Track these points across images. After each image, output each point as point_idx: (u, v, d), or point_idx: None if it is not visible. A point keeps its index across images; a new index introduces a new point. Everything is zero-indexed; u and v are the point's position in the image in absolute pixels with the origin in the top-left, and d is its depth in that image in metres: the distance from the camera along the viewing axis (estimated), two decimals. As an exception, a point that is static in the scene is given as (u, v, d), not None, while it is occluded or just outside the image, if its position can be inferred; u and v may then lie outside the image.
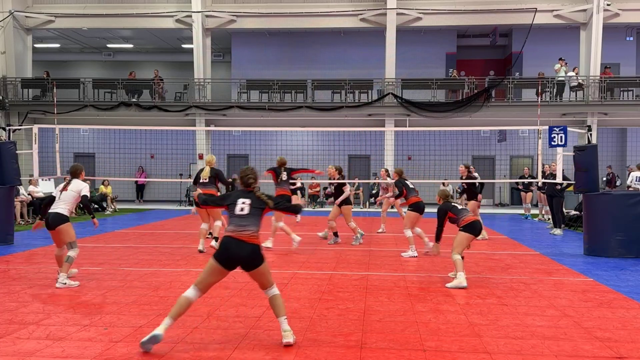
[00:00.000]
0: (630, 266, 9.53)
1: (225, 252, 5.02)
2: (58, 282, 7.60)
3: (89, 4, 24.13)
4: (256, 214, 5.15)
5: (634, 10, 22.61)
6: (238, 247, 5.00)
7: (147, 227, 15.45)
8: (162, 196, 25.29)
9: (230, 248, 5.01)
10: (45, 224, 7.75)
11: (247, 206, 5.15)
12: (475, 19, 23.22)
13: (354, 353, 4.98)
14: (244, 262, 5.03)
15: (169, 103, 23.68)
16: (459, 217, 7.94)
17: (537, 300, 6.99)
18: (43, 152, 14.37)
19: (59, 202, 7.71)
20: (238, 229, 5.06)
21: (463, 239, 7.87)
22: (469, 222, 7.86)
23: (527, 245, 12.08)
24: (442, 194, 8.31)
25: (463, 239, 7.87)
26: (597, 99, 21.91)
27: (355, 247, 11.59)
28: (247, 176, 5.31)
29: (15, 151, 12.09)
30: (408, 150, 23.23)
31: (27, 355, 4.87)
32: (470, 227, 7.84)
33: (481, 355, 4.95)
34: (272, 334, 5.42)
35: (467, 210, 8.25)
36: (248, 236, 5.04)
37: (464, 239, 7.87)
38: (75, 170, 8.00)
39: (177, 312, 5.02)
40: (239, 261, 5.02)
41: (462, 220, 7.89)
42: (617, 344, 5.27)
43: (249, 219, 5.10)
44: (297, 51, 26.12)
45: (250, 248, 5.02)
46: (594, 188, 10.92)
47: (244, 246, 5.01)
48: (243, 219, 5.09)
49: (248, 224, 5.08)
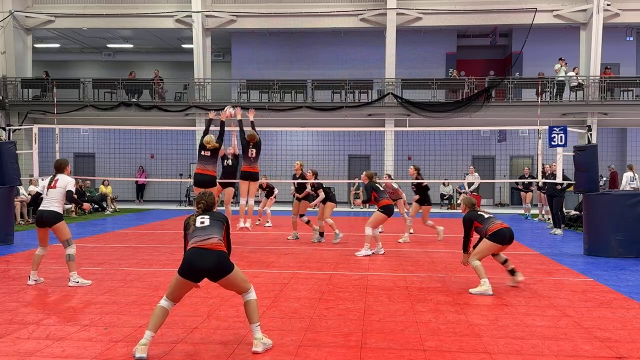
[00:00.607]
0: (630, 266, 9.53)
1: (189, 264, 4.87)
2: (70, 282, 7.60)
3: (89, 4, 24.13)
4: (217, 225, 5.08)
5: (634, 10, 22.62)
6: (202, 256, 4.86)
7: (147, 227, 15.45)
8: (162, 196, 25.29)
9: (194, 259, 4.86)
10: (37, 221, 7.68)
11: (207, 219, 5.09)
12: (475, 19, 23.22)
13: (354, 353, 4.98)
14: (211, 271, 4.87)
15: (169, 103, 23.69)
16: (485, 226, 7.56)
17: (537, 300, 6.99)
18: (43, 152, 14.37)
19: (49, 199, 7.60)
20: (201, 239, 4.95)
21: (488, 247, 7.51)
22: (496, 230, 7.45)
23: (527, 245, 12.08)
24: (467, 202, 7.90)
25: (488, 247, 7.51)
26: (597, 99, 21.90)
27: (355, 247, 11.57)
28: (207, 200, 5.23)
29: (15, 151, 12.09)
30: (408, 150, 23.22)
31: (27, 355, 4.87)
32: (497, 236, 7.46)
33: (481, 355, 4.95)
34: (272, 334, 5.41)
35: (494, 218, 7.76)
36: (212, 244, 4.92)
37: (488, 247, 7.51)
38: (60, 165, 7.87)
39: (156, 324, 4.89)
40: (205, 271, 4.86)
41: (488, 229, 7.52)
42: (617, 344, 5.27)
43: (211, 229, 5.01)
44: (297, 51, 26.13)
45: (215, 255, 4.88)
46: (594, 188, 10.92)
47: (209, 254, 4.87)
48: (205, 230, 5.00)
49: (211, 233, 4.98)
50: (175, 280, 4.93)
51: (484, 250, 7.55)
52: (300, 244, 12.07)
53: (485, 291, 7.31)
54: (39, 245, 7.73)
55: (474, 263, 7.49)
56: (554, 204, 14.75)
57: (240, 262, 9.70)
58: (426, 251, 11.21)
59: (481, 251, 7.56)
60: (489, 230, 7.50)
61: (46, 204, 7.59)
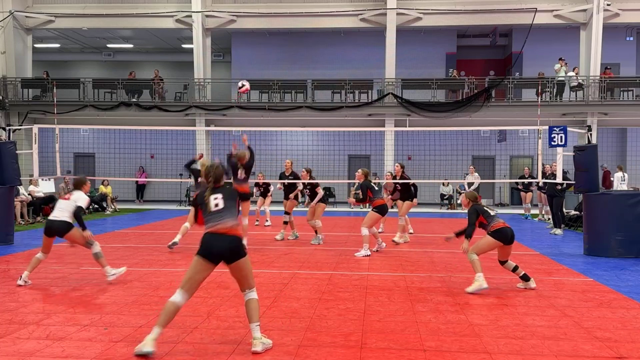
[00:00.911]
0: (630, 266, 9.53)
1: (207, 248, 5.05)
2: (108, 277, 7.73)
3: (89, 4, 24.12)
4: (230, 205, 5.17)
5: (634, 10, 22.60)
6: (218, 241, 5.03)
7: (147, 227, 15.45)
8: (162, 196, 25.28)
9: (212, 244, 5.04)
10: (46, 230, 7.72)
11: (221, 200, 5.16)
12: (475, 19, 23.22)
13: (354, 353, 4.98)
14: (226, 254, 5.03)
15: (169, 103, 23.68)
16: (489, 223, 7.54)
17: (537, 300, 6.99)
18: (43, 152, 14.37)
19: (60, 209, 7.69)
20: (217, 223, 5.09)
21: (488, 243, 7.51)
22: (498, 228, 7.45)
23: (527, 245, 12.08)
24: (470, 195, 7.87)
25: (488, 243, 7.51)
26: (597, 99, 21.90)
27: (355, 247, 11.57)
28: (215, 172, 5.28)
29: (15, 151, 12.09)
30: (408, 150, 23.23)
31: (27, 355, 4.87)
32: (499, 233, 7.45)
33: (481, 355, 4.95)
34: (272, 334, 5.41)
35: (497, 216, 7.73)
36: (228, 229, 5.07)
37: (488, 244, 7.51)
38: (78, 183, 8.02)
39: (166, 320, 4.97)
40: (221, 253, 5.03)
41: (492, 226, 7.50)
42: (617, 344, 5.27)
43: (226, 212, 5.12)
44: (297, 51, 26.12)
45: (230, 239, 5.05)
46: (594, 188, 10.92)
47: (225, 238, 5.04)
48: (221, 213, 5.11)
49: (226, 217, 5.10)
50: (195, 263, 5.06)
51: (484, 246, 7.55)
52: (300, 244, 12.06)
53: (479, 286, 7.32)
54: (42, 250, 7.78)
55: (471, 257, 7.51)
56: (554, 203, 14.78)
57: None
58: (426, 251, 11.22)
59: (481, 246, 7.56)
60: (492, 227, 7.50)
61: (58, 215, 7.67)
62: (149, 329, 5.30)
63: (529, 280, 7.66)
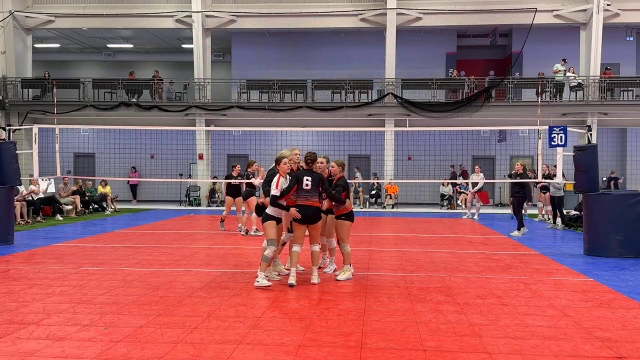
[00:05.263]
0: (630, 266, 9.53)
1: (304, 215, 7.58)
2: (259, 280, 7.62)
3: (89, 4, 24.13)
4: (315, 186, 7.68)
5: (634, 10, 22.62)
6: (307, 210, 7.59)
7: (147, 227, 15.45)
8: (162, 196, 25.28)
9: (304, 213, 7.56)
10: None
11: (310, 182, 7.63)
12: (475, 19, 23.22)
13: (354, 353, 4.98)
14: (311, 218, 7.65)
15: (169, 103, 23.68)
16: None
17: (537, 300, 6.99)
18: (43, 152, 14.37)
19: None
20: (306, 198, 7.61)
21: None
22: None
23: (527, 245, 12.08)
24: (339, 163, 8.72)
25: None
26: (597, 99, 21.91)
27: (355, 247, 11.56)
28: (311, 158, 7.81)
29: (15, 151, 12.08)
30: (408, 150, 23.23)
31: (27, 355, 4.87)
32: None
33: (481, 355, 4.95)
34: (272, 334, 5.42)
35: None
36: (313, 202, 7.64)
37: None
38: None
39: (296, 260, 7.75)
40: (308, 218, 7.62)
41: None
42: (617, 344, 5.27)
43: (312, 192, 7.64)
44: (297, 51, 26.12)
45: (313, 209, 7.66)
46: (594, 188, 10.92)
47: (311, 208, 7.62)
48: (309, 192, 7.62)
49: (312, 195, 7.64)
50: (296, 227, 7.71)
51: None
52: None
53: (348, 277, 8.14)
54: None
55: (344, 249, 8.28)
56: (555, 201, 15.32)
57: (241, 262, 9.71)
58: (426, 251, 11.21)
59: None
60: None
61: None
62: (149, 329, 5.31)
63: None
